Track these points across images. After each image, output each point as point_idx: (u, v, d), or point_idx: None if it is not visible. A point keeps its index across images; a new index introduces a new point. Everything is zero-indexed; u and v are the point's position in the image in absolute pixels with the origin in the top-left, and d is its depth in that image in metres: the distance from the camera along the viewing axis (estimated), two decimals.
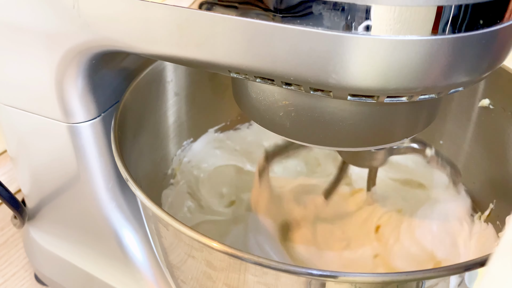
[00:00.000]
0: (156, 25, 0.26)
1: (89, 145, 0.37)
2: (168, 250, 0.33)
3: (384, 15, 0.20)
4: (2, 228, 0.56)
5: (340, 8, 0.21)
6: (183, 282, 0.34)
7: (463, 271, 0.25)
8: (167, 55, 0.28)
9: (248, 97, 0.30)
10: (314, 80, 0.23)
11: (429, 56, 0.21)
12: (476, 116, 0.44)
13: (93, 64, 0.34)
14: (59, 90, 0.34)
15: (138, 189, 0.30)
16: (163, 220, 0.28)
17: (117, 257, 0.42)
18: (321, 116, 0.27)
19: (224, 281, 0.30)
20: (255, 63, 0.24)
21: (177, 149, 0.50)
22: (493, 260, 0.18)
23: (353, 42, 0.21)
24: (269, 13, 0.22)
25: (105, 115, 0.37)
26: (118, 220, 0.41)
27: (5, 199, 0.41)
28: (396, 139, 0.29)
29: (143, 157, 0.42)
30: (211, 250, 0.27)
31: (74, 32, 0.30)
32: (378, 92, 0.23)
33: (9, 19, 0.33)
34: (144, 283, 0.41)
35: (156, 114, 0.45)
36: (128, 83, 0.39)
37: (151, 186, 0.45)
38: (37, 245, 0.47)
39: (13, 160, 0.43)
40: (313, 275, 0.25)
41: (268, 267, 0.26)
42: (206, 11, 0.24)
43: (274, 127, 0.29)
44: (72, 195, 0.41)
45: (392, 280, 0.25)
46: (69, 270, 0.45)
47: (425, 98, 0.24)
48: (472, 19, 0.21)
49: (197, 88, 0.48)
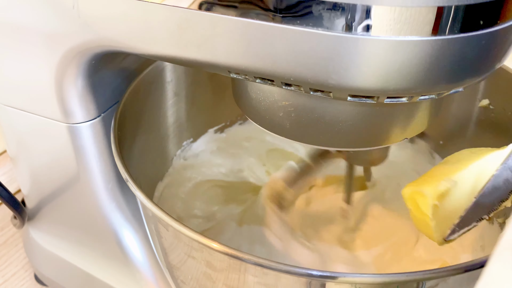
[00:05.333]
0: (156, 26, 0.26)
1: (88, 145, 0.37)
2: (168, 251, 0.33)
3: (384, 16, 0.20)
4: (2, 228, 0.56)
5: (340, 8, 0.21)
6: (183, 283, 0.34)
7: (463, 272, 0.25)
8: (167, 56, 0.28)
9: (247, 98, 0.30)
10: (314, 80, 0.23)
11: (429, 57, 0.21)
12: (476, 116, 0.44)
13: (93, 64, 0.33)
14: (59, 90, 0.34)
15: (138, 190, 0.30)
16: (163, 221, 0.28)
17: (117, 257, 0.42)
18: (321, 116, 0.27)
19: (224, 282, 0.30)
20: (255, 64, 0.24)
21: (177, 149, 0.50)
22: (493, 260, 0.18)
23: (353, 42, 0.21)
24: (269, 14, 0.22)
25: (105, 115, 0.37)
26: (118, 220, 0.41)
27: (5, 199, 0.41)
28: (396, 139, 0.29)
29: (143, 157, 0.42)
30: (211, 251, 0.27)
31: (74, 32, 0.30)
32: (378, 93, 0.23)
33: (9, 19, 0.33)
34: (144, 283, 0.41)
35: (156, 114, 0.45)
36: (128, 83, 0.39)
37: (151, 186, 0.45)
38: (37, 245, 0.47)
39: (13, 160, 0.43)
40: (313, 276, 0.25)
41: (268, 267, 0.26)
42: (206, 11, 0.24)
43: (274, 128, 0.29)
44: (72, 195, 0.41)
45: (392, 281, 0.25)
46: (69, 270, 0.45)
47: (425, 99, 0.24)
48: (472, 20, 0.21)
49: (197, 88, 0.48)
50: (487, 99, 0.43)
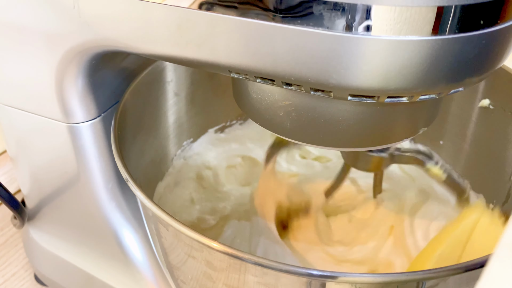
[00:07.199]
0: (156, 25, 0.26)
1: (89, 145, 0.37)
2: (168, 250, 0.33)
3: (385, 15, 0.20)
4: (2, 228, 0.56)
5: (341, 8, 0.21)
6: (183, 282, 0.34)
7: (463, 272, 0.25)
8: (167, 55, 0.28)
9: (248, 97, 0.30)
10: (315, 80, 0.23)
11: (430, 57, 0.21)
12: (476, 116, 0.44)
13: (93, 64, 0.33)
14: (59, 90, 0.34)
15: (138, 189, 0.30)
16: (163, 220, 0.28)
17: (117, 257, 0.42)
18: (321, 116, 0.27)
19: (224, 282, 0.30)
20: (255, 63, 0.24)
21: (177, 149, 0.50)
22: (493, 260, 0.18)
23: (353, 42, 0.21)
24: (269, 13, 0.22)
25: (105, 115, 0.37)
26: (118, 220, 0.41)
27: (4, 199, 0.41)
28: (397, 139, 0.29)
29: (143, 157, 0.42)
30: (211, 250, 0.27)
31: (74, 32, 0.30)
32: (378, 93, 0.23)
33: (10, 19, 0.33)
34: (144, 283, 0.41)
35: (156, 114, 0.45)
36: (128, 83, 0.39)
37: (151, 186, 0.45)
38: (37, 245, 0.47)
39: (13, 160, 0.43)
40: (313, 276, 0.25)
41: (268, 267, 0.26)
42: (206, 11, 0.24)
43: (274, 127, 0.29)
44: (72, 195, 0.41)
45: (392, 281, 0.25)
46: (69, 270, 0.45)
47: (426, 99, 0.24)
48: (472, 20, 0.21)
49: (197, 88, 0.48)
50: (487, 99, 0.43)
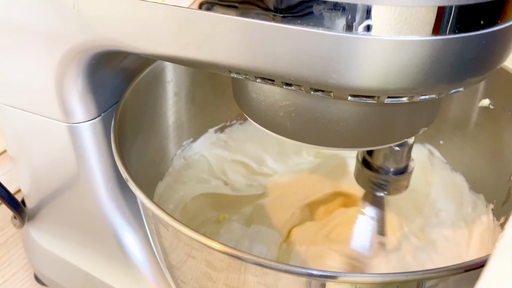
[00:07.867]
0: (156, 25, 0.26)
1: (89, 145, 0.37)
2: (168, 250, 0.33)
3: (385, 15, 0.20)
4: (2, 228, 0.56)
5: (341, 8, 0.21)
6: (183, 282, 0.34)
7: (463, 272, 0.25)
8: (167, 55, 0.28)
9: (248, 97, 0.30)
10: (315, 80, 0.23)
11: (430, 57, 0.21)
12: (476, 116, 0.44)
13: (93, 64, 0.33)
14: (59, 90, 0.34)
15: (138, 189, 0.30)
16: (163, 220, 0.28)
17: (117, 257, 0.42)
18: (321, 116, 0.27)
19: (224, 282, 0.30)
20: (255, 63, 0.24)
21: (177, 149, 0.50)
22: (493, 260, 0.18)
23: (353, 42, 0.21)
24: (269, 13, 0.22)
25: (105, 115, 0.37)
26: (118, 220, 0.41)
27: (4, 199, 0.41)
28: (397, 139, 0.29)
29: (143, 157, 0.42)
30: (211, 250, 0.27)
31: (74, 32, 0.30)
32: (378, 93, 0.23)
33: (10, 18, 0.33)
34: (144, 283, 0.41)
35: (156, 114, 0.45)
36: (128, 83, 0.39)
37: (151, 187, 0.45)
38: (37, 245, 0.47)
39: (13, 160, 0.43)
40: (313, 276, 0.25)
41: (269, 267, 0.26)
42: (206, 11, 0.24)
43: (274, 127, 0.29)
44: (72, 195, 0.41)
45: (392, 281, 0.25)
46: (69, 270, 0.45)
47: (426, 99, 0.24)
48: (473, 20, 0.21)
49: (197, 88, 0.48)
50: (487, 99, 0.43)
